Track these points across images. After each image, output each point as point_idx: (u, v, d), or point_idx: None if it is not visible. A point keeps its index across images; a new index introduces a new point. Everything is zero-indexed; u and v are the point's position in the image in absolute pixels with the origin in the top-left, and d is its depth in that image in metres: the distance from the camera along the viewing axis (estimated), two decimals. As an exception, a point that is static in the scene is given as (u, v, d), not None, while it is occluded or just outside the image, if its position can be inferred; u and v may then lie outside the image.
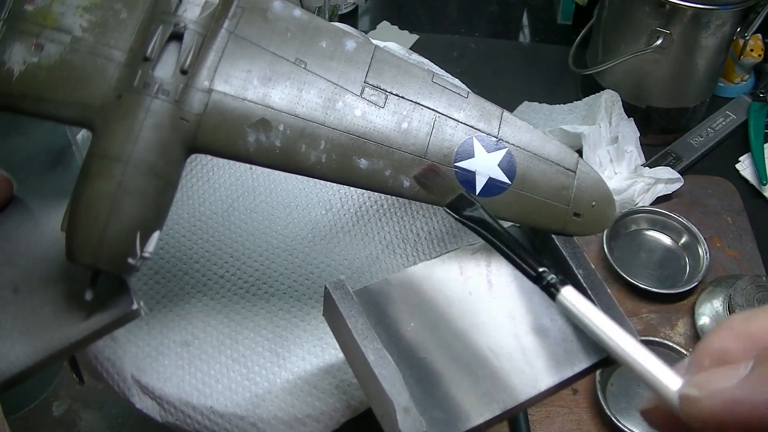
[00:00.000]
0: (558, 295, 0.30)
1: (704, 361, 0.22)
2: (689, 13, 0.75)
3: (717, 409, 0.20)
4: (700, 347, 0.22)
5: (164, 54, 0.35)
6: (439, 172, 0.37)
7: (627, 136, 0.79)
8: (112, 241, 0.33)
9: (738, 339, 0.22)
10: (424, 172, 0.37)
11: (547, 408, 0.63)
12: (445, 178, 0.37)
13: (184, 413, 0.44)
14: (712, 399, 0.20)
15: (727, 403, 0.20)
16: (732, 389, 0.20)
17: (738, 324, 0.22)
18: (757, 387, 0.20)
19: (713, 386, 0.21)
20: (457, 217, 0.35)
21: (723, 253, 0.75)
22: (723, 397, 0.20)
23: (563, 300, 0.30)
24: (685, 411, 0.21)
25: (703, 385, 0.21)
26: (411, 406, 0.33)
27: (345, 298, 0.36)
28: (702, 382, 0.21)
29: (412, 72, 0.38)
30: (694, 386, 0.21)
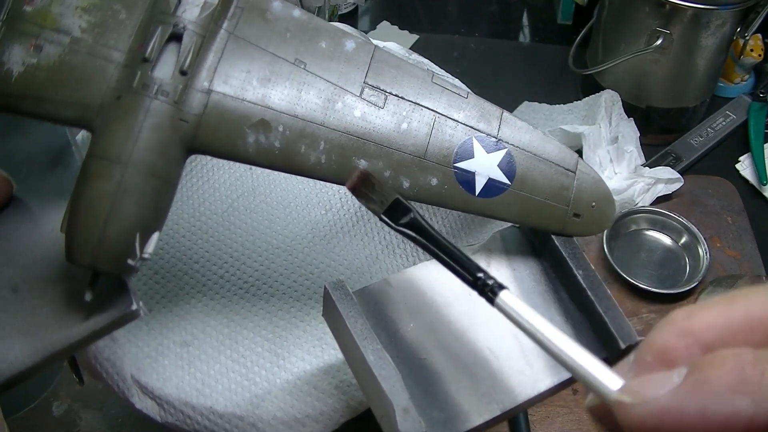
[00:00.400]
0: (496, 299, 0.30)
1: (647, 358, 0.22)
2: (689, 13, 0.75)
3: (647, 417, 0.20)
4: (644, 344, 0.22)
5: (163, 55, 0.35)
6: (372, 179, 0.35)
7: (627, 136, 0.79)
8: (111, 241, 0.33)
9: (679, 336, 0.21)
10: (358, 179, 0.35)
11: (547, 408, 0.63)
12: (379, 185, 0.35)
13: (184, 413, 0.44)
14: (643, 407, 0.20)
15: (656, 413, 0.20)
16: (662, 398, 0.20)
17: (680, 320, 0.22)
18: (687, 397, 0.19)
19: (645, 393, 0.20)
20: (394, 226, 0.35)
21: (723, 253, 0.75)
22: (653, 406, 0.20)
23: (501, 304, 0.30)
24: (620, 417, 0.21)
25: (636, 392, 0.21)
26: (410, 406, 0.33)
27: (344, 298, 0.36)
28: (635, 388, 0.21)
29: (412, 72, 0.38)
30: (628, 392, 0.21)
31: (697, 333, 0.21)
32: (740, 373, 0.19)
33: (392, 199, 0.35)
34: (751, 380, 0.19)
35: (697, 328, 0.21)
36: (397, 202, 0.35)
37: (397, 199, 0.35)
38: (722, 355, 0.20)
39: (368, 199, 0.35)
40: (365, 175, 0.35)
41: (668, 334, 0.22)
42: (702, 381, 0.19)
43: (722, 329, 0.21)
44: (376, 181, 0.35)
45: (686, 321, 0.22)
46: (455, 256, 0.33)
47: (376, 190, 0.35)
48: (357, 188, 0.35)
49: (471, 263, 0.32)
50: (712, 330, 0.21)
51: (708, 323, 0.21)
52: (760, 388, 0.18)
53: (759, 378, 0.19)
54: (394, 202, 0.35)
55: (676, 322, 0.22)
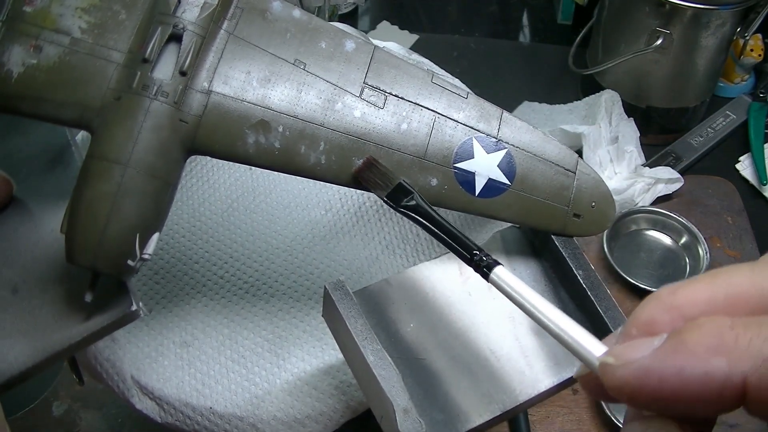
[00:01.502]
0: (490, 274, 0.32)
1: (632, 331, 0.23)
2: (689, 13, 0.75)
3: (629, 378, 0.21)
4: (630, 318, 0.23)
5: (163, 55, 0.35)
6: (377, 165, 0.37)
7: (627, 136, 0.79)
8: (111, 242, 0.33)
9: (664, 310, 0.22)
10: (363, 165, 0.37)
11: (547, 408, 0.63)
12: (383, 170, 0.37)
13: (184, 414, 0.44)
14: (625, 368, 0.21)
15: (637, 372, 0.21)
16: (643, 359, 0.21)
17: (664, 295, 0.23)
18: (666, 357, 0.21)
19: (628, 356, 0.21)
20: (396, 207, 0.36)
21: (723, 253, 0.75)
22: (635, 367, 0.21)
23: (495, 279, 0.31)
24: (604, 379, 0.22)
25: (619, 355, 0.22)
26: (410, 407, 0.33)
27: (344, 298, 0.36)
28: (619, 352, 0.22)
29: (412, 73, 0.38)
30: (612, 355, 0.22)
31: (681, 307, 0.22)
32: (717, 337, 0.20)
33: (396, 182, 0.37)
34: (726, 342, 0.20)
35: (681, 302, 0.22)
36: (400, 185, 0.37)
37: (400, 182, 0.37)
38: (700, 321, 0.21)
39: (373, 183, 0.37)
40: (370, 161, 0.37)
41: (653, 309, 0.23)
42: (680, 343, 0.21)
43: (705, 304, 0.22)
44: (380, 166, 0.37)
45: (670, 296, 0.22)
46: (453, 235, 0.35)
47: (381, 173, 0.37)
48: (362, 173, 0.37)
49: (468, 242, 0.34)
50: (695, 304, 0.22)
51: (691, 298, 0.22)
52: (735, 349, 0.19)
53: (734, 341, 0.20)
54: (398, 185, 0.37)
55: (660, 297, 0.23)
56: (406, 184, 0.37)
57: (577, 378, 0.25)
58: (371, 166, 0.37)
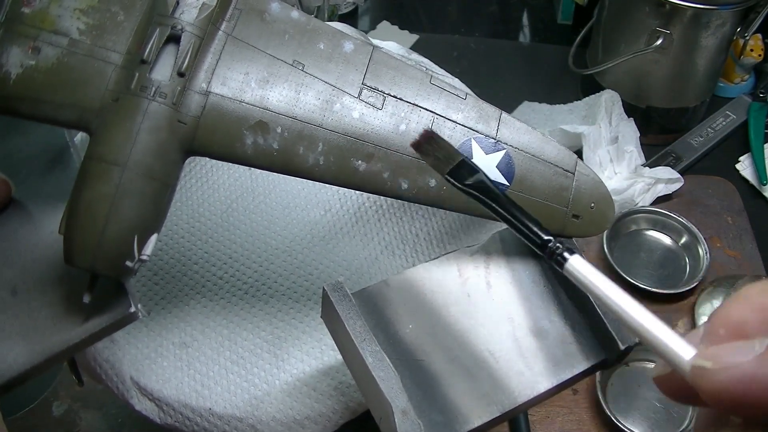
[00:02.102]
0: (566, 264, 0.29)
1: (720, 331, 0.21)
2: (689, 13, 0.75)
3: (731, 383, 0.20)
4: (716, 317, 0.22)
5: (161, 56, 0.35)
6: (437, 138, 0.35)
7: (627, 136, 0.79)
8: (110, 244, 0.33)
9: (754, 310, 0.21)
10: (422, 138, 0.36)
11: (547, 408, 0.63)
12: (443, 144, 0.35)
13: (183, 415, 0.44)
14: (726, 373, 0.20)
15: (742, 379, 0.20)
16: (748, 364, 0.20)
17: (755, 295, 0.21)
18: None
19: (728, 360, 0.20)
20: (459, 186, 0.34)
21: (723, 253, 0.75)
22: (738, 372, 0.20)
23: (571, 269, 0.29)
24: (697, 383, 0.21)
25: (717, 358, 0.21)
26: (409, 408, 0.33)
27: (343, 300, 0.36)
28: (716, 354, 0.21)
29: (410, 74, 0.38)
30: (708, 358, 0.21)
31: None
32: None
33: (458, 159, 0.35)
34: None
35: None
36: (463, 162, 0.34)
37: (463, 159, 0.35)
38: None
39: (434, 157, 0.35)
40: (430, 134, 0.35)
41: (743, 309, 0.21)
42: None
43: None
44: (442, 140, 0.35)
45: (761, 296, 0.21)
46: (523, 219, 0.32)
47: (442, 148, 0.35)
48: (421, 146, 0.35)
49: (540, 227, 0.31)
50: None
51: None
52: None
53: None
54: (460, 162, 0.34)
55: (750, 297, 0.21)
56: (470, 162, 0.34)
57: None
58: (430, 139, 0.35)
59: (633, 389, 0.64)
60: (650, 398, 0.63)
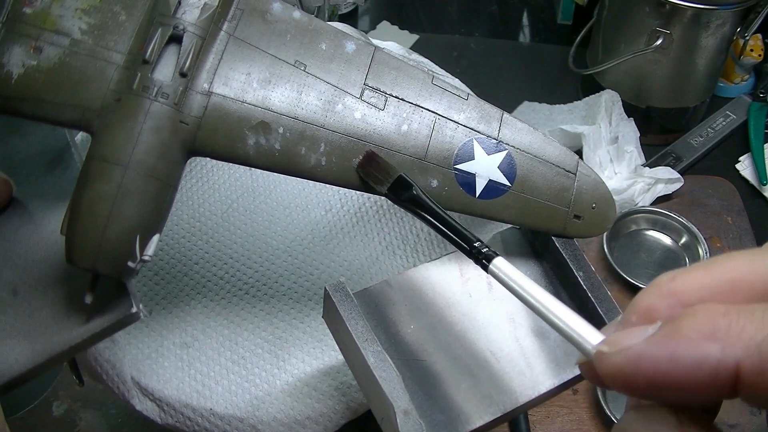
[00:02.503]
0: (489, 265, 0.32)
1: (632, 318, 0.23)
2: (689, 13, 0.75)
3: (623, 364, 0.21)
4: (630, 305, 0.23)
5: (163, 56, 0.35)
6: (376, 157, 0.37)
7: (627, 136, 0.79)
8: (111, 244, 0.33)
9: (662, 297, 0.23)
10: (364, 159, 0.37)
11: (547, 408, 0.63)
12: (384, 164, 0.37)
13: (184, 415, 0.44)
14: (619, 355, 0.22)
15: (631, 359, 0.21)
16: (637, 345, 0.21)
17: (663, 282, 0.23)
18: (660, 344, 0.21)
19: (622, 343, 0.22)
20: (397, 201, 0.37)
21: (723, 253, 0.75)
22: (629, 353, 0.21)
23: (494, 270, 0.32)
24: (599, 367, 0.22)
25: (613, 343, 0.22)
26: (411, 408, 0.33)
27: (345, 300, 0.36)
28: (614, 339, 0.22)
29: (412, 74, 0.38)
30: (606, 343, 0.22)
31: (680, 294, 0.22)
32: (710, 323, 0.20)
33: (396, 176, 0.37)
34: (720, 329, 0.20)
35: (680, 289, 0.22)
36: (400, 178, 0.37)
37: (400, 176, 0.37)
38: (695, 308, 0.21)
39: (374, 178, 0.37)
40: (371, 155, 0.37)
41: (652, 296, 0.23)
42: (674, 329, 0.21)
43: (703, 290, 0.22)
44: (381, 161, 0.37)
45: (669, 283, 0.23)
46: (453, 227, 0.35)
47: (381, 168, 0.37)
48: (363, 168, 0.37)
49: (468, 234, 0.34)
50: (693, 291, 0.22)
51: (690, 285, 0.22)
52: (728, 335, 0.20)
53: (727, 327, 0.20)
54: (398, 178, 0.37)
55: (660, 284, 0.23)
56: (407, 177, 0.37)
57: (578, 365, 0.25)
58: (371, 160, 0.37)
59: (633, 389, 0.64)
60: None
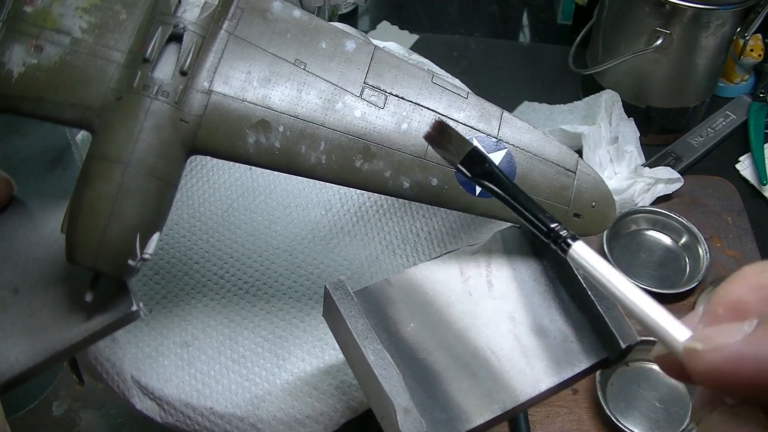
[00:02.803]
0: (569, 250, 0.30)
1: (719, 310, 0.22)
2: (689, 13, 0.75)
3: (720, 363, 0.20)
4: (715, 296, 0.22)
5: (164, 55, 0.35)
6: (447, 128, 0.36)
7: (627, 136, 0.79)
8: (112, 242, 0.33)
9: (753, 289, 0.22)
10: (434, 129, 0.36)
11: (547, 408, 0.63)
12: (454, 134, 0.36)
13: (184, 414, 0.44)
14: (715, 353, 0.21)
15: (730, 358, 0.20)
16: (736, 344, 0.20)
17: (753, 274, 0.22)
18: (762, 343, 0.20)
19: (717, 340, 0.21)
20: (470, 176, 0.35)
21: (723, 253, 0.75)
22: (727, 352, 0.20)
23: (574, 254, 0.30)
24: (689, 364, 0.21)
25: (707, 339, 0.21)
26: (411, 406, 0.33)
27: (345, 298, 0.36)
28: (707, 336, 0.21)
29: (412, 73, 0.38)
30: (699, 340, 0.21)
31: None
32: None
33: (468, 148, 0.35)
34: None
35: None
36: (474, 151, 0.35)
37: (474, 148, 0.35)
38: None
39: (445, 148, 0.35)
40: (442, 126, 0.36)
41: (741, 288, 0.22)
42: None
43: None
44: (452, 132, 0.35)
45: (760, 275, 0.22)
46: (530, 206, 0.33)
47: (453, 140, 0.35)
48: (433, 138, 0.36)
49: (546, 214, 0.32)
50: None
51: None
52: None
53: None
54: (471, 151, 0.35)
55: (748, 276, 0.22)
56: (481, 151, 0.35)
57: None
58: (442, 130, 0.36)
59: (633, 389, 0.64)
60: (650, 398, 0.63)
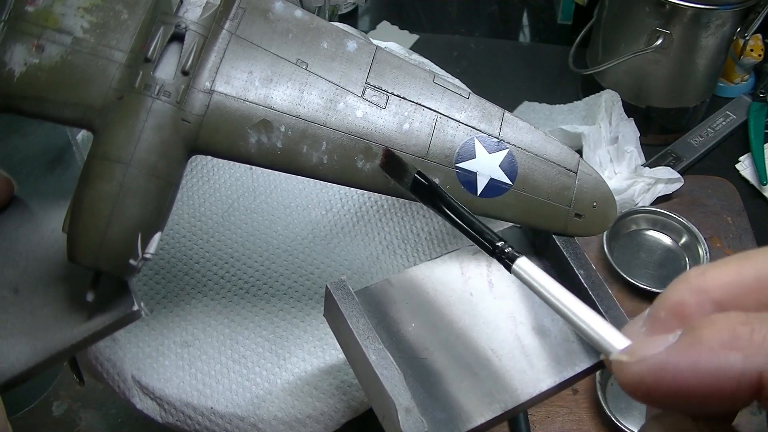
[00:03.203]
0: (513, 266, 0.31)
1: (660, 314, 0.22)
2: (689, 13, 0.75)
3: (644, 374, 0.21)
4: (658, 301, 0.23)
5: (165, 55, 0.35)
6: (393, 155, 0.37)
7: (627, 136, 0.79)
8: (113, 242, 0.33)
9: (692, 292, 0.22)
10: (385, 157, 0.37)
11: (547, 408, 0.64)
12: (401, 161, 0.37)
13: (185, 414, 0.44)
14: (639, 365, 0.21)
15: (652, 369, 0.21)
16: (659, 355, 0.21)
17: (693, 277, 0.22)
18: (682, 353, 0.20)
19: (642, 352, 0.21)
20: (421, 200, 0.36)
21: (723, 253, 0.75)
22: (650, 363, 0.21)
23: (518, 270, 0.31)
24: (618, 375, 0.22)
25: (633, 352, 0.22)
26: (412, 406, 0.33)
27: (346, 298, 0.36)
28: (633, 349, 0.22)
29: (414, 73, 0.38)
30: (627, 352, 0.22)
31: (710, 290, 0.22)
32: (731, 332, 0.20)
33: (413, 173, 0.36)
34: (741, 338, 0.20)
35: (710, 285, 0.22)
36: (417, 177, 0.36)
37: (416, 174, 0.36)
38: (715, 317, 0.21)
39: (398, 176, 0.37)
40: (387, 153, 0.37)
41: (682, 291, 0.22)
42: (696, 339, 0.20)
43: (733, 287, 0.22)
44: (397, 158, 0.37)
45: (699, 278, 0.22)
46: (475, 225, 0.34)
47: (400, 165, 0.37)
48: (386, 167, 0.37)
49: (490, 233, 0.33)
50: (723, 287, 0.22)
51: (720, 281, 0.22)
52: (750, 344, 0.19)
53: (749, 336, 0.20)
54: (415, 177, 0.36)
55: (689, 279, 0.22)
56: (423, 175, 0.36)
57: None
58: (389, 157, 0.37)
59: (633, 389, 0.64)
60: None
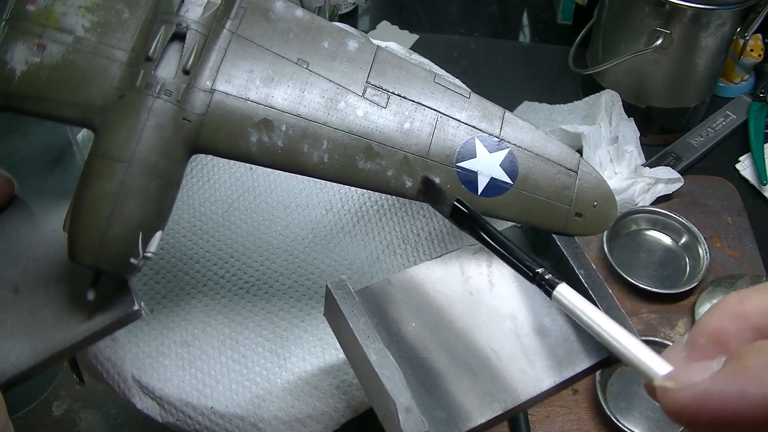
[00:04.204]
0: (554, 291, 0.31)
1: (700, 341, 0.23)
2: (689, 13, 0.75)
3: (689, 401, 0.21)
4: (697, 327, 0.23)
5: (166, 54, 0.35)
6: (433, 183, 0.37)
7: (627, 136, 0.79)
8: (114, 241, 0.33)
9: (732, 319, 0.22)
10: (423, 185, 0.37)
11: (547, 408, 0.63)
12: (440, 188, 0.37)
13: (185, 413, 0.44)
14: (684, 392, 0.21)
15: (697, 396, 0.21)
16: (703, 383, 0.21)
17: (733, 304, 0.23)
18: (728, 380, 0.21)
19: (687, 379, 0.22)
20: (459, 227, 0.36)
21: (723, 253, 0.75)
22: (694, 390, 0.21)
23: (559, 297, 0.31)
24: (662, 401, 0.22)
25: (677, 378, 0.22)
26: (413, 405, 0.33)
27: (346, 297, 0.36)
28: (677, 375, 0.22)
29: (414, 72, 0.38)
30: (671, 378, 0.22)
31: (749, 316, 0.22)
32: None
33: (452, 201, 0.36)
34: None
35: (749, 311, 0.22)
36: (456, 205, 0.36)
37: (454, 203, 0.36)
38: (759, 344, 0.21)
39: (436, 201, 0.37)
40: (426, 181, 0.37)
41: (721, 318, 0.22)
42: (741, 366, 0.20)
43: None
44: (436, 186, 0.37)
45: (738, 305, 0.22)
46: (515, 253, 0.34)
47: (438, 193, 0.37)
48: (424, 194, 0.38)
49: (530, 259, 0.33)
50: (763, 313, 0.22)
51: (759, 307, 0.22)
52: None
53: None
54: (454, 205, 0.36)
55: (729, 305, 0.23)
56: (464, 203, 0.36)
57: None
58: (427, 185, 0.37)
59: (633, 389, 0.64)
60: (650, 398, 0.63)
